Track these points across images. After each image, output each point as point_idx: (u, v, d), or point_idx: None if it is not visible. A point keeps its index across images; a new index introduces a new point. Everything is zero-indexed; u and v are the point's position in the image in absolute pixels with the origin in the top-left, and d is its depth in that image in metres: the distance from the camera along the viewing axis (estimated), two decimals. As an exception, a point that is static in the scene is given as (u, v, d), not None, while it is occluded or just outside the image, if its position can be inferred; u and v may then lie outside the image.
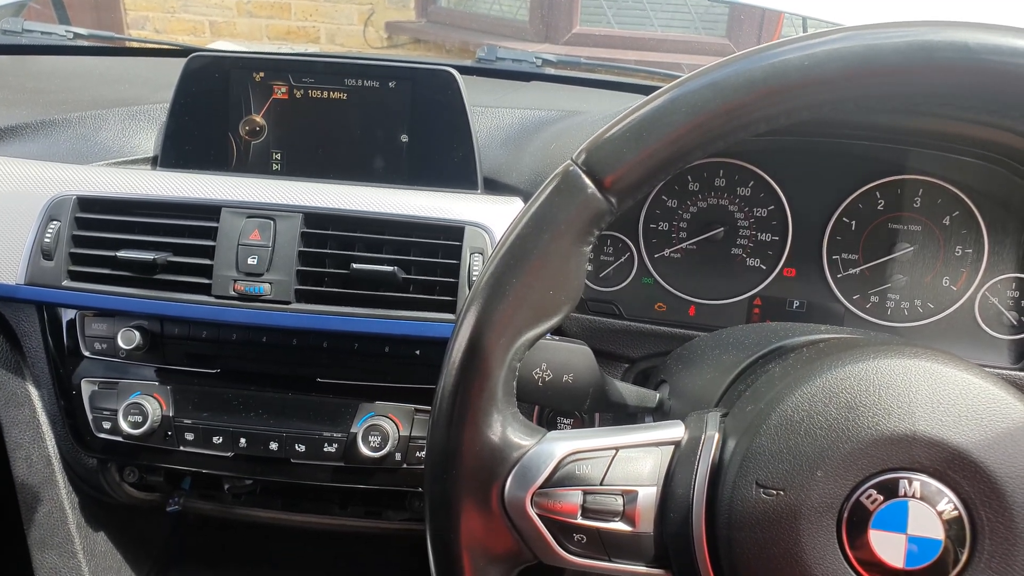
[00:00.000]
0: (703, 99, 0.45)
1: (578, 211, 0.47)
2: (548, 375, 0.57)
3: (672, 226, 0.89)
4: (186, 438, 0.90)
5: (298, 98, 0.91)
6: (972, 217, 0.85)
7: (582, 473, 0.49)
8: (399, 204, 0.85)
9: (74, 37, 1.34)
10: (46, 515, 1.03)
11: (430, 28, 3.27)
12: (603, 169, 0.47)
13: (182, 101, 0.92)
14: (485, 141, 0.94)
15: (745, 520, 0.45)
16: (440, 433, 0.49)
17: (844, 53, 0.44)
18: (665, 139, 0.46)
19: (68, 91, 1.08)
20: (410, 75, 0.90)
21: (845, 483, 0.45)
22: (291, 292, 0.83)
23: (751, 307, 0.89)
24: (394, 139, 0.91)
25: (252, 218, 0.85)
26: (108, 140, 0.95)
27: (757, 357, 0.57)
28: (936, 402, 0.45)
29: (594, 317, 0.87)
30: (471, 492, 0.49)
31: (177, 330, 0.90)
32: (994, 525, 0.44)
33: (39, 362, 0.94)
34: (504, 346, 0.48)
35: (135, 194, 0.87)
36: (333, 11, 3.40)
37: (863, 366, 0.47)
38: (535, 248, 0.48)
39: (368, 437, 0.87)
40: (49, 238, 0.86)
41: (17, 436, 0.98)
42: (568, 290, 0.49)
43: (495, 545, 0.50)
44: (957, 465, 0.44)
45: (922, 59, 0.43)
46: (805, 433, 0.46)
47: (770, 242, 0.88)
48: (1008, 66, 0.42)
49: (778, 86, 0.44)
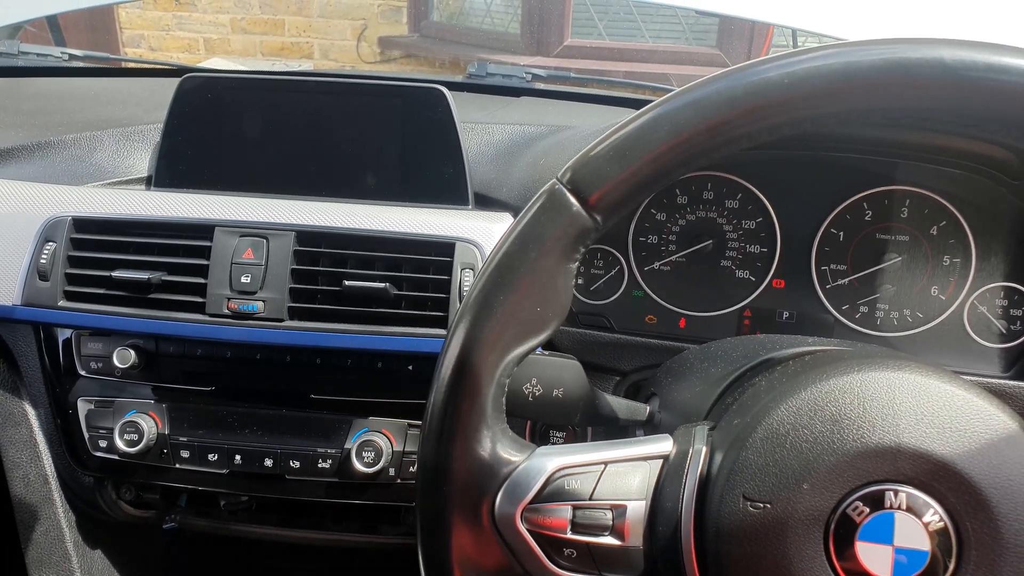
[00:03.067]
0: (685, 117, 0.46)
1: (564, 229, 0.48)
2: (538, 390, 0.58)
3: (661, 239, 0.90)
4: (182, 455, 0.90)
5: (290, 117, 0.92)
6: (959, 227, 0.85)
7: (571, 488, 0.49)
8: (390, 221, 0.86)
9: (69, 58, 1.35)
10: (43, 534, 1.03)
11: (423, 43, 3.29)
12: (588, 187, 0.47)
13: (176, 121, 0.93)
14: (476, 157, 0.95)
15: (733, 533, 0.46)
16: (430, 449, 0.50)
17: (824, 70, 0.44)
18: (648, 157, 0.46)
19: (63, 112, 1.09)
20: (400, 92, 0.91)
21: (831, 496, 0.45)
22: (284, 310, 0.84)
23: (741, 319, 0.90)
24: (385, 156, 0.92)
25: (245, 237, 0.85)
26: (103, 161, 0.96)
27: (744, 370, 0.57)
28: (920, 414, 0.45)
29: (585, 330, 0.87)
30: (461, 508, 0.50)
31: (172, 348, 0.90)
32: (980, 536, 0.44)
33: (36, 382, 0.95)
34: (493, 363, 0.49)
35: (130, 214, 0.88)
36: (327, 27, 3.42)
37: (848, 379, 0.47)
38: (522, 265, 0.48)
39: (362, 453, 0.87)
40: (45, 259, 0.86)
41: (14, 455, 0.98)
42: (556, 306, 0.50)
43: (486, 561, 0.50)
44: (942, 476, 0.44)
45: (900, 75, 0.44)
46: (791, 446, 0.46)
47: (759, 254, 0.89)
48: (984, 81, 0.43)
49: (759, 103, 0.45)
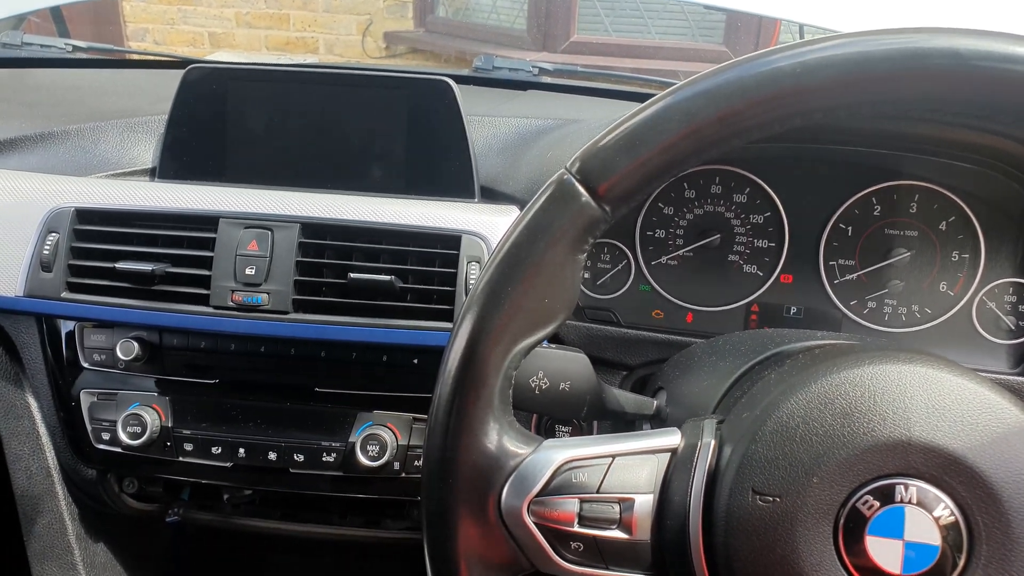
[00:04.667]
0: (696, 107, 0.45)
1: (572, 219, 0.47)
2: (545, 383, 0.57)
3: (669, 233, 0.89)
4: (185, 448, 0.90)
5: (295, 109, 0.91)
6: (968, 222, 0.85)
7: (579, 481, 0.49)
8: (396, 213, 0.85)
9: (73, 50, 1.35)
10: (46, 527, 1.02)
11: (428, 38, 3.28)
12: (597, 177, 0.47)
13: (180, 112, 0.92)
14: (482, 150, 0.94)
15: (742, 527, 0.45)
16: (436, 442, 0.49)
17: (836, 60, 0.44)
18: (658, 147, 0.46)
19: (67, 103, 1.09)
20: (406, 85, 0.90)
21: (841, 489, 0.45)
22: (289, 302, 0.84)
23: (748, 314, 0.89)
24: (391, 149, 0.91)
25: (250, 228, 0.85)
26: (106, 152, 0.96)
27: (753, 364, 0.57)
28: (931, 407, 0.45)
29: (592, 325, 0.87)
30: (468, 501, 0.49)
31: (176, 341, 0.90)
32: (991, 530, 0.44)
33: (38, 374, 0.95)
34: (500, 354, 0.48)
35: (133, 206, 0.88)
36: (332, 21, 3.41)
37: (858, 372, 0.47)
38: (530, 256, 0.48)
39: (367, 446, 0.87)
40: (48, 250, 0.86)
41: (17, 448, 0.98)
42: (563, 298, 0.49)
43: (492, 554, 0.50)
44: (953, 470, 0.44)
45: (913, 66, 0.43)
46: (801, 440, 0.46)
47: (767, 248, 0.88)
48: (999, 72, 0.43)
49: (771, 93, 0.44)
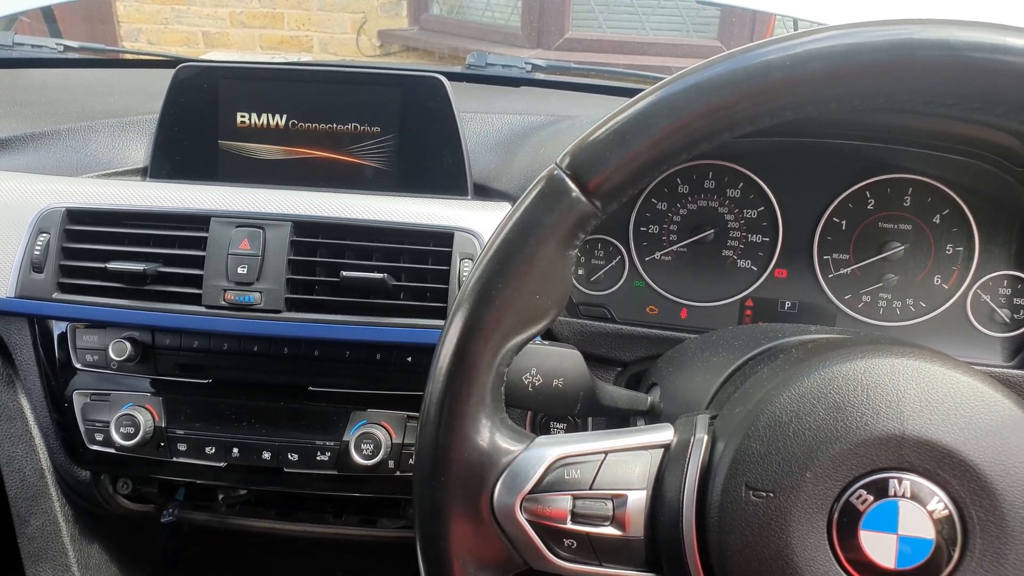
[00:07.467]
0: (686, 101, 0.45)
1: (563, 215, 0.47)
2: (538, 380, 0.57)
3: (662, 229, 0.89)
4: (179, 449, 0.90)
5: (287, 107, 0.91)
6: (962, 215, 0.85)
7: (571, 478, 0.49)
8: (388, 211, 0.85)
9: (64, 50, 1.34)
10: (40, 528, 1.02)
11: (422, 36, 3.28)
12: (587, 173, 0.46)
13: (171, 111, 0.92)
14: (475, 147, 0.94)
15: (735, 523, 0.45)
16: (428, 439, 0.49)
17: (826, 52, 0.43)
18: (648, 141, 0.46)
19: (58, 103, 1.08)
20: (399, 81, 0.90)
21: (835, 484, 0.44)
22: (281, 301, 0.83)
23: (743, 309, 0.89)
24: (383, 146, 0.91)
25: (241, 227, 0.84)
26: (98, 152, 0.95)
27: (747, 359, 0.57)
28: (925, 401, 0.45)
29: (585, 321, 0.87)
30: (460, 498, 0.49)
31: (168, 340, 0.89)
32: (985, 523, 0.43)
33: (31, 375, 0.94)
34: (491, 351, 0.48)
35: (124, 205, 0.87)
36: (326, 20, 3.41)
37: (851, 366, 0.46)
38: (520, 253, 0.47)
39: (361, 445, 0.86)
40: (39, 250, 0.85)
41: (10, 449, 0.98)
42: (555, 294, 0.49)
43: (485, 552, 0.50)
44: (947, 464, 0.44)
45: (904, 57, 0.43)
46: (794, 435, 0.45)
47: (761, 243, 0.88)
48: (991, 62, 0.42)
49: (761, 86, 0.44)
